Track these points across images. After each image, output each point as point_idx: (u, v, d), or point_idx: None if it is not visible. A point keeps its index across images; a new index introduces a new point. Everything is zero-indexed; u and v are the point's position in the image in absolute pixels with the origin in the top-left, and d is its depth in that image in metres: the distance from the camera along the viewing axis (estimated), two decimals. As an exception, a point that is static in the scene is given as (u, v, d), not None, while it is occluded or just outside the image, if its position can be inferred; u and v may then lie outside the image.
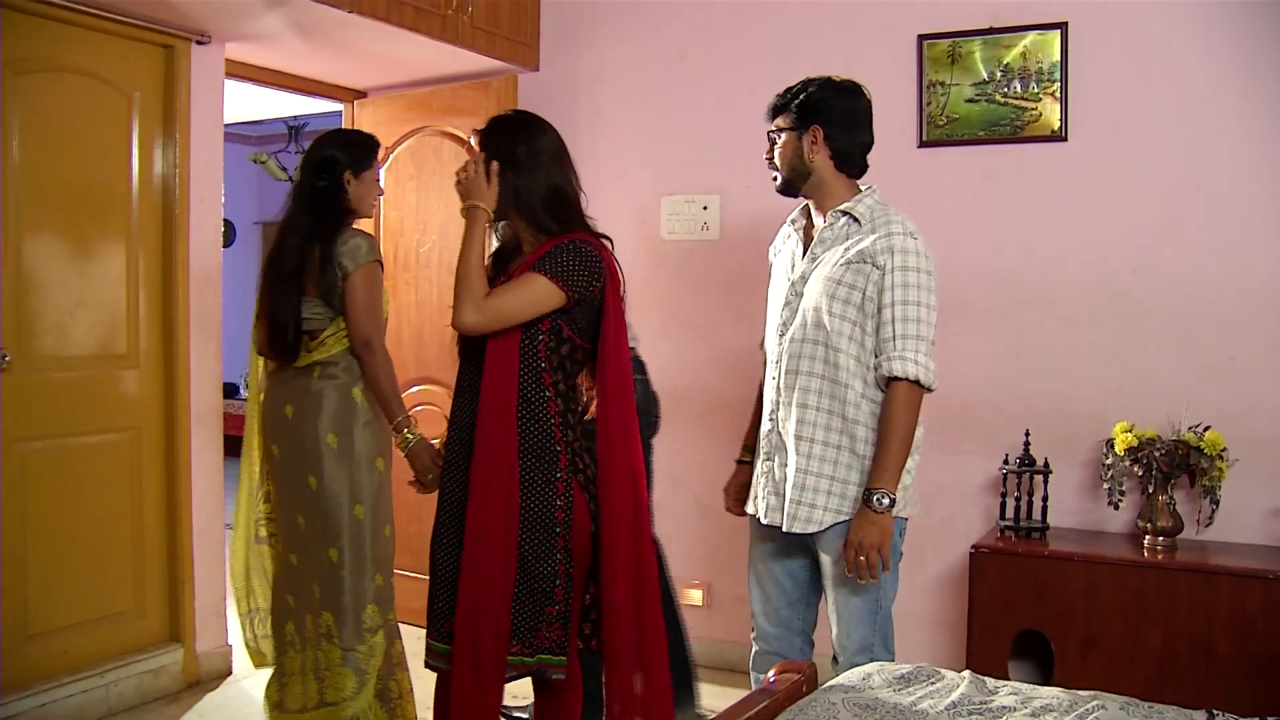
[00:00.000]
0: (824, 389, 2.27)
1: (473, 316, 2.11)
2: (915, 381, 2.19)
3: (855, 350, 2.25)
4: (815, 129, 2.30)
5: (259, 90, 4.10)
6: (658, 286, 3.82)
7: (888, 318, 2.21)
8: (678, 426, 3.69)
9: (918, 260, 2.21)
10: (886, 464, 2.19)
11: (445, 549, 2.20)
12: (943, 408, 3.22)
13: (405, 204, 4.22)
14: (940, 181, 3.41)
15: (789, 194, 2.38)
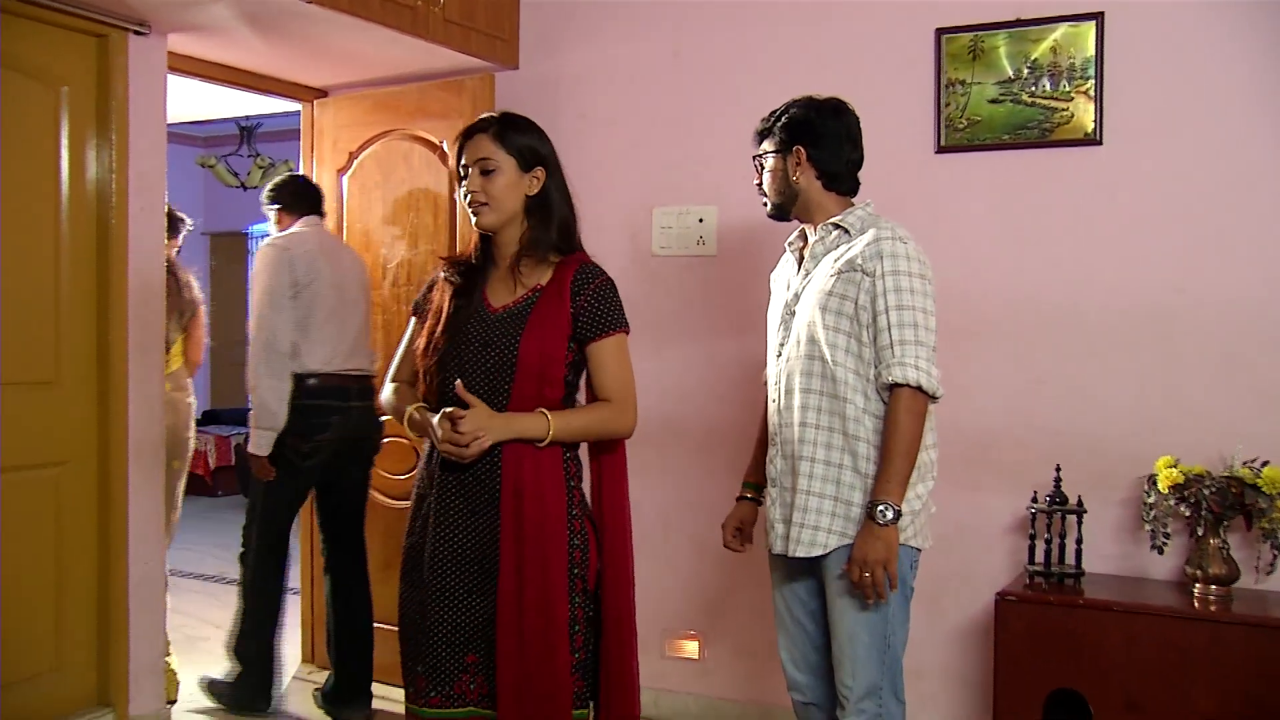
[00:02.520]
0: (823, 405, 2.31)
1: (634, 418, 2.32)
2: (918, 389, 2.22)
3: (852, 363, 2.29)
4: (798, 149, 2.39)
5: (207, 87, 4.04)
6: (649, 306, 3.76)
7: (883, 324, 2.24)
8: (671, 460, 3.73)
9: (908, 264, 2.26)
10: (890, 475, 2.22)
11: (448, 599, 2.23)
12: (961, 441, 3.20)
13: (371, 215, 4.13)
14: (960, 191, 3.35)
15: (780, 218, 2.47)
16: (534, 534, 2.17)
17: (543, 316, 2.23)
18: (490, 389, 2.23)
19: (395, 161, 4.04)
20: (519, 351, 2.21)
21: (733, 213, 3.66)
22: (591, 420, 2.27)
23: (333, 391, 3.57)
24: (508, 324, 2.25)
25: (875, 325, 2.27)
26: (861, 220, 2.38)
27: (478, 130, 2.27)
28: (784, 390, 2.40)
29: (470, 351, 2.25)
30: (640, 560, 3.71)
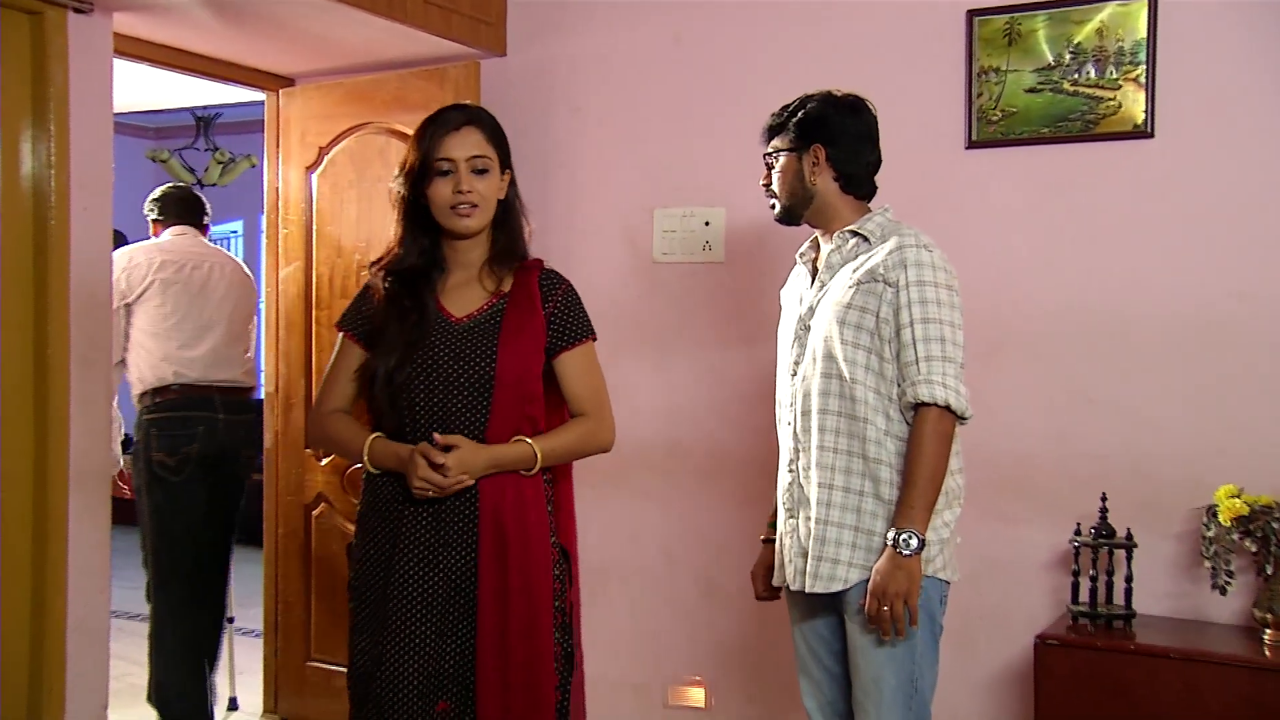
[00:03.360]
0: (841, 427, 2.33)
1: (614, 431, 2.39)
2: (945, 408, 2.24)
3: (873, 381, 2.31)
4: (816, 148, 2.41)
5: (159, 74, 3.98)
6: (650, 318, 3.77)
7: (907, 339, 2.26)
8: (674, 488, 3.72)
9: (934, 274, 2.28)
10: (913, 501, 2.23)
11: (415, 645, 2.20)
12: (995, 466, 3.19)
13: (343, 218, 4.07)
14: (993, 190, 3.31)
15: (790, 222, 2.49)
16: (518, 563, 2.19)
17: (517, 324, 2.25)
18: (467, 408, 2.22)
19: (370, 158, 4.00)
20: (497, 364, 2.22)
21: (742, 215, 3.63)
22: (574, 440, 2.32)
23: (196, 402, 3.75)
24: (477, 334, 2.25)
25: (898, 340, 2.28)
26: (881, 227, 2.39)
27: (468, 122, 2.27)
28: (799, 412, 2.41)
29: (440, 367, 2.23)
30: (641, 599, 3.89)
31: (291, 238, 4.14)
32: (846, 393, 2.32)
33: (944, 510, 2.32)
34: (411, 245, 2.30)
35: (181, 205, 4.04)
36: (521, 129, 3.80)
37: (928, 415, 2.24)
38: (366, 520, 2.30)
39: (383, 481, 2.26)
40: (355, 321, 2.34)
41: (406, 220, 2.30)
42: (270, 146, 4.24)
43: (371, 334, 2.29)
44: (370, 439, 2.26)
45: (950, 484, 2.33)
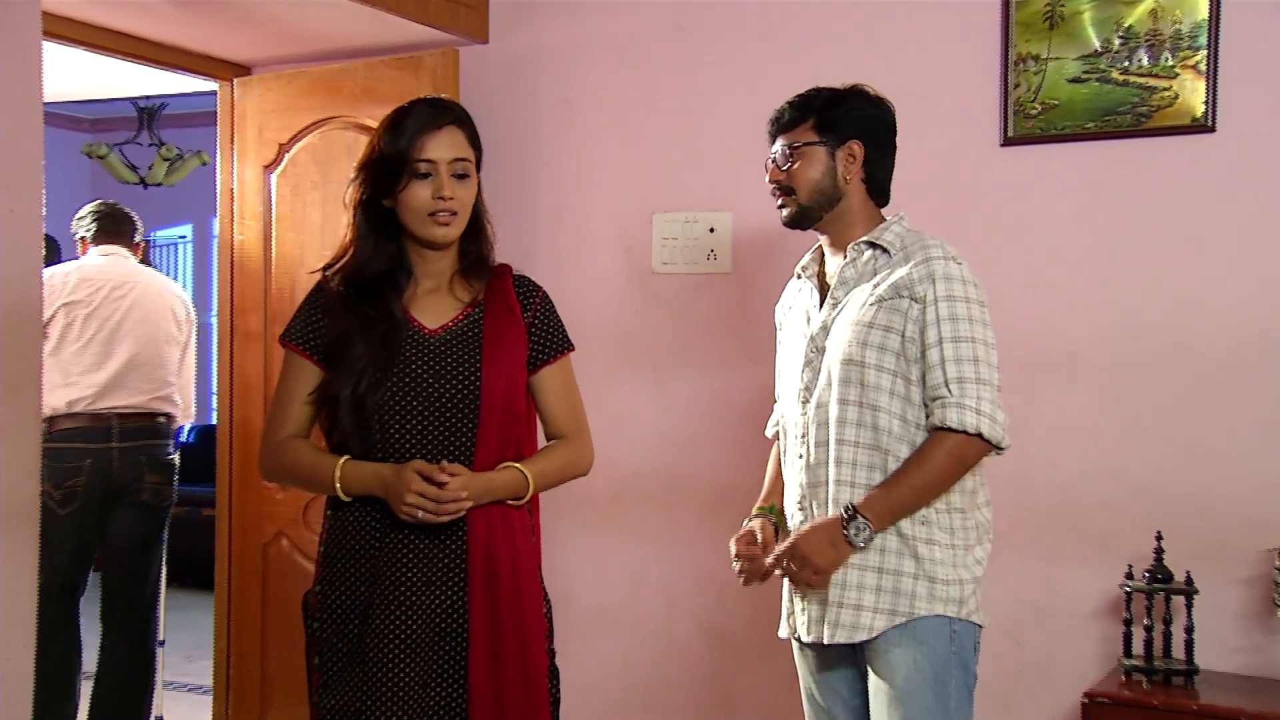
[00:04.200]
0: (861, 459, 2.32)
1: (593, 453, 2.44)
2: (977, 436, 2.24)
3: (899, 407, 2.30)
4: (854, 145, 2.41)
5: (97, 59, 3.98)
6: (649, 334, 3.77)
7: (936, 359, 2.27)
8: (676, 524, 3.71)
9: (965, 288, 2.30)
10: (890, 499, 2.26)
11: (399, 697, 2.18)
12: (1035, 501, 3.19)
13: (306, 223, 4.06)
14: (1031, 193, 3.29)
15: (802, 224, 2.48)
16: (510, 602, 2.21)
17: (498, 336, 2.27)
18: (450, 431, 2.21)
19: (336, 156, 3.97)
20: (482, 381, 2.22)
21: (751, 221, 3.62)
22: (561, 465, 2.35)
23: (88, 433, 3.85)
24: (456, 348, 2.25)
25: (925, 360, 2.28)
26: (901, 238, 2.39)
27: (453, 122, 2.26)
28: (813, 443, 2.39)
29: (418, 387, 2.21)
30: (638, 647, 3.84)
31: (248, 245, 4.13)
32: (868, 421, 2.31)
33: (975, 546, 2.32)
34: (374, 249, 2.27)
35: (110, 223, 4.18)
36: (504, 124, 3.84)
37: (945, 438, 2.25)
38: (334, 562, 2.24)
39: (354, 513, 2.22)
40: (306, 335, 2.28)
41: (368, 222, 2.27)
42: (224, 142, 4.22)
43: (330, 349, 2.24)
44: (340, 461, 2.21)
45: (979, 518, 2.35)
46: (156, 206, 4.18)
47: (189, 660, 4.67)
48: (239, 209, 4.13)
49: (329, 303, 2.27)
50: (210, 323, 4.22)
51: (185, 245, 8.83)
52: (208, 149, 5.68)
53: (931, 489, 2.28)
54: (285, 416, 2.28)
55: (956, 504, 2.31)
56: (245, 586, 4.08)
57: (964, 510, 2.31)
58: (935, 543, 2.29)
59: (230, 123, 4.17)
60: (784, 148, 2.43)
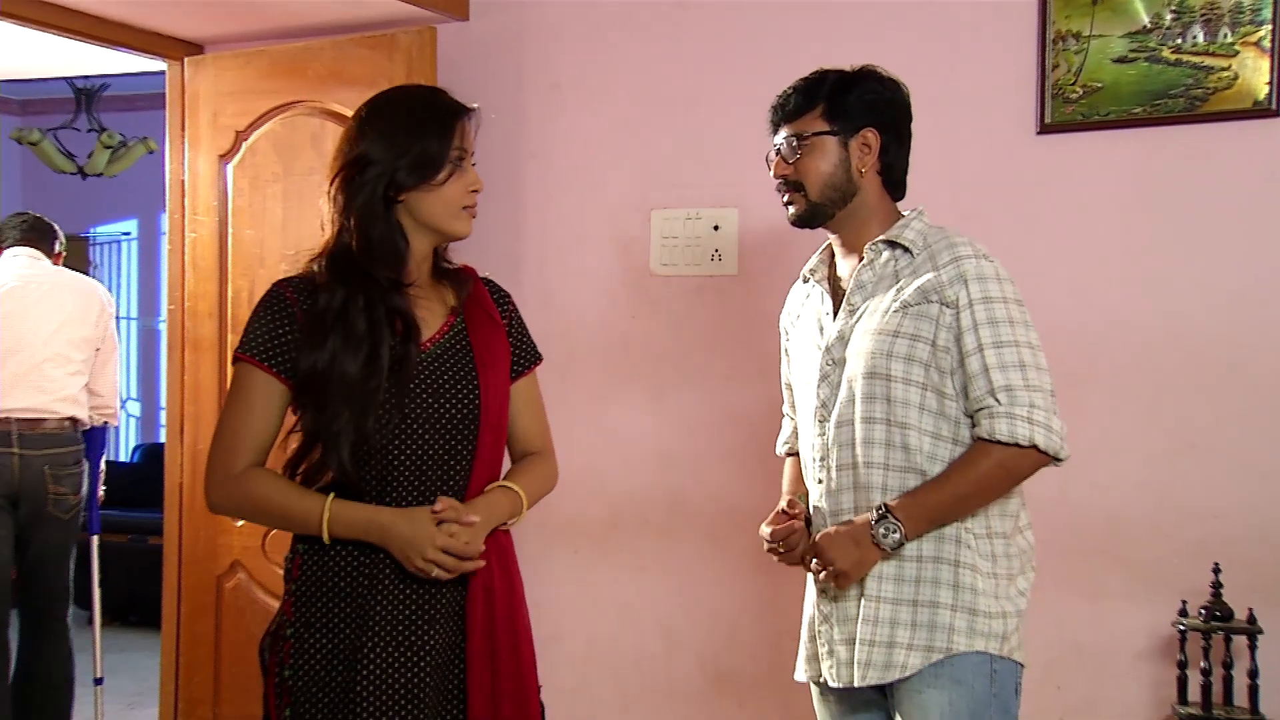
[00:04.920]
0: (891, 483, 2.30)
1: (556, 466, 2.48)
2: (1032, 448, 2.21)
3: (930, 423, 2.29)
4: (869, 133, 2.40)
5: (30, 35, 3.98)
6: (647, 342, 3.78)
7: (977, 368, 2.24)
8: (676, 554, 3.70)
9: (1001, 287, 2.28)
10: (928, 502, 2.25)
11: None
12: (1078, 527, 3.18)
13: (267, 220, 4.06)
14: (1071, 186, 3.28)
15: (812, 223, 2.46)
16: (507, 644, 2.24)
17: (487, 347, 2.31)
18: (449, 455, 2.23)
19: (299, 145, 3.96)
20: (481, 398, 2.25)
21: (759, 218, 3.62)
22: (541, 483, 2.41)
23: None
24: (449, 362, 2.26)
25: (964, 370, 2.26)
26: (923, 235, 2.37)
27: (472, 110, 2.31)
28: (835, 466, 2.37)
29: (422, 409, 2.21)
30: (635, 689, 3.81)
31: (201, 243, 4.11)
32: (897, 440, 2.29)
33: (1017, 576, 2.30)
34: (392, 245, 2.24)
35: (26, 229, 4.35)
36: (487, 110, 3.74)
37: (997, 449, 2.22)
38: (312, 601, 2.21)
39: (338, 551, 2.19)
40: (273, 349, 2.20)
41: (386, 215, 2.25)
42: (173, 129, 4.21)
43: (312, 368, 2.18)
44: (329, 501, 2.17)
45: (1022, 543, 2.32)
46: (97, 200, 4.14)
47: (131, 708, 4.60)
48: (191, 203, 4.11)
49: (289, 314, 2.22)
50: (159, 330, 4.19)
51: (129, 243, 8.77)
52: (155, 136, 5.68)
53: (975, 499, 2.27)
54: (243, 443, 2.23)
55: (998, 528, 2.29)
56: (197, 625, 4.05)
57: (1006, 535, 2.29)
58: (976, 570, 2.26)
59: (181, 107, 4.15)
60: (790, 138, 2.41)
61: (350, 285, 2.21)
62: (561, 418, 3.82)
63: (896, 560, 2.29)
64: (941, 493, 2.25)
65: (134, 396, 8.47)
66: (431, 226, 2.26)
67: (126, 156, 7.18)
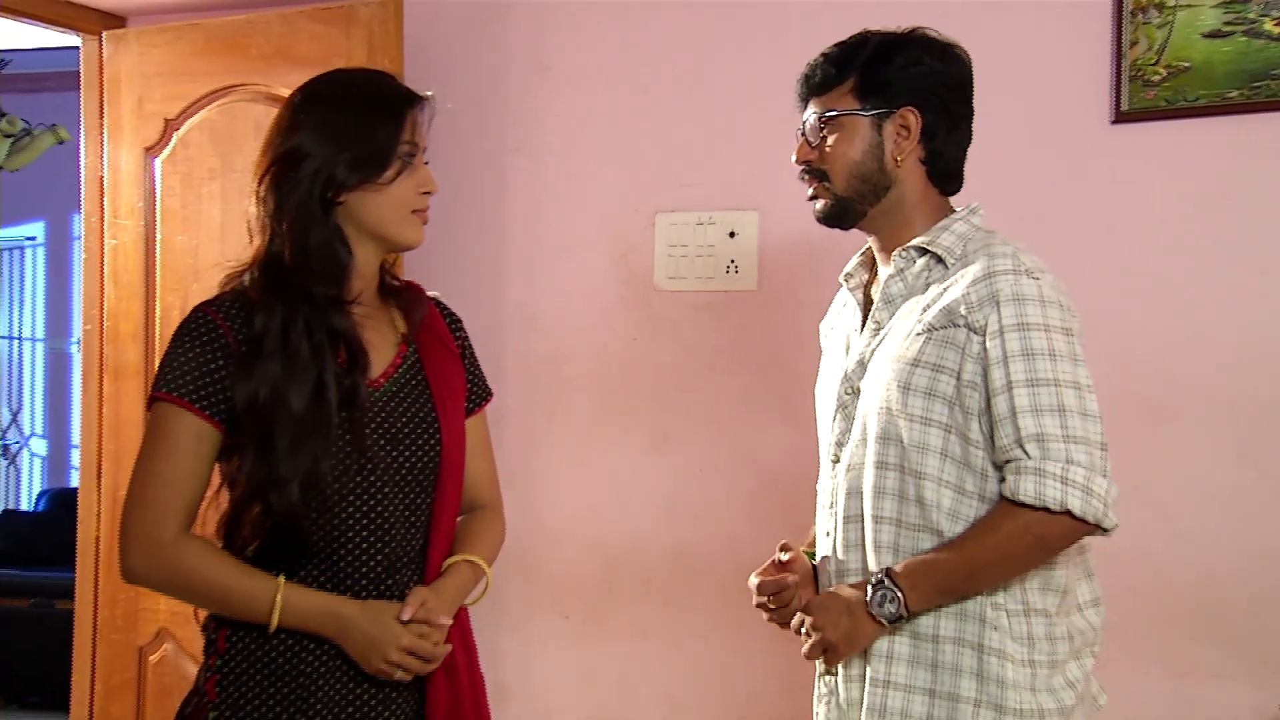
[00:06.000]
0: (903, 542, 2.26)
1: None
2: (1066, 514, 2.10)
3: (952, 475, 2.23)
4: (909, 114, 2.34)
5: None
6: (650, 368, 3.79)
7: (1005, 410, 2.16)
8: (682, 616, 3.72)
9: (1044, 312, 2.19)
10: (933, 567, 2.20)
11: None
12: (1163, 591, 3.16)
13: (202, 224, 4.07)
14: (1151, 184, 3.29)
15: (842, 221, 2.43)
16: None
17: (446, 384, 2.34)
18: (407, 512, 2.24)
19: (241, 136, 3.96)
20: (443, 445, 2.27)
21: (783, 222, 3.64)
22: (495, 549, 2.44)
23: None
24: (405, 402, 2.28)
25: (992, 412, 2.17)
26: (964, 241, 2.33)
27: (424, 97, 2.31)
28: (841, 518, 2.35)
29: (376, 459, 2.21)
30: None
31: (123, 252, 4.11)
32: (911, 492, 2.24)
33: (1067, 663, 2.24)
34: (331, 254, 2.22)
35: None
36: (464, 97, 3.85)
37: (1022, 512, 2.13)
38: (245, 681, 2.20)
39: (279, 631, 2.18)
40: (202, 386, 2.16)
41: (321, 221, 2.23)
42: (89, 116, 4.21)
43: (252, 399, 2.15)
44: (280, 589, 2.15)
45: (1076, 624, 2.26)
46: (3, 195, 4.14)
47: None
48: (111, 204, 4.11)
49: (243, 337, 2.19)
50: (71, 354, 4.15)
51: (35, 250, 8.76)
52: (67, 123, 5.65)
53: (996, 570, 2.19)
54: (171, 502, 2.18)
55: (1038, 605, 2.21)
56: (114, 707, 4.03)
57: (1049, 614, 2.21)
58: (1005, 657, 2.19)
59: (99, 90, 4.15)
60: (815, 116, 2.38)
61: (288, 302, 2.19)
62: (550, 458, 3.91)
63: (911, 639, 2.25)
64: (955, 559, 2.19)
65: (40, 433, 8.44)
66: (376, 233, 2.25)
67: (31, 147, 7.18)
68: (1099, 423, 2.15)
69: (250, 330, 2.17)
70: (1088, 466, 2.11)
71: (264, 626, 2.17)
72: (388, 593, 2.20)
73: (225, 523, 2.19)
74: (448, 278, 3.65)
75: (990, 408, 2.18)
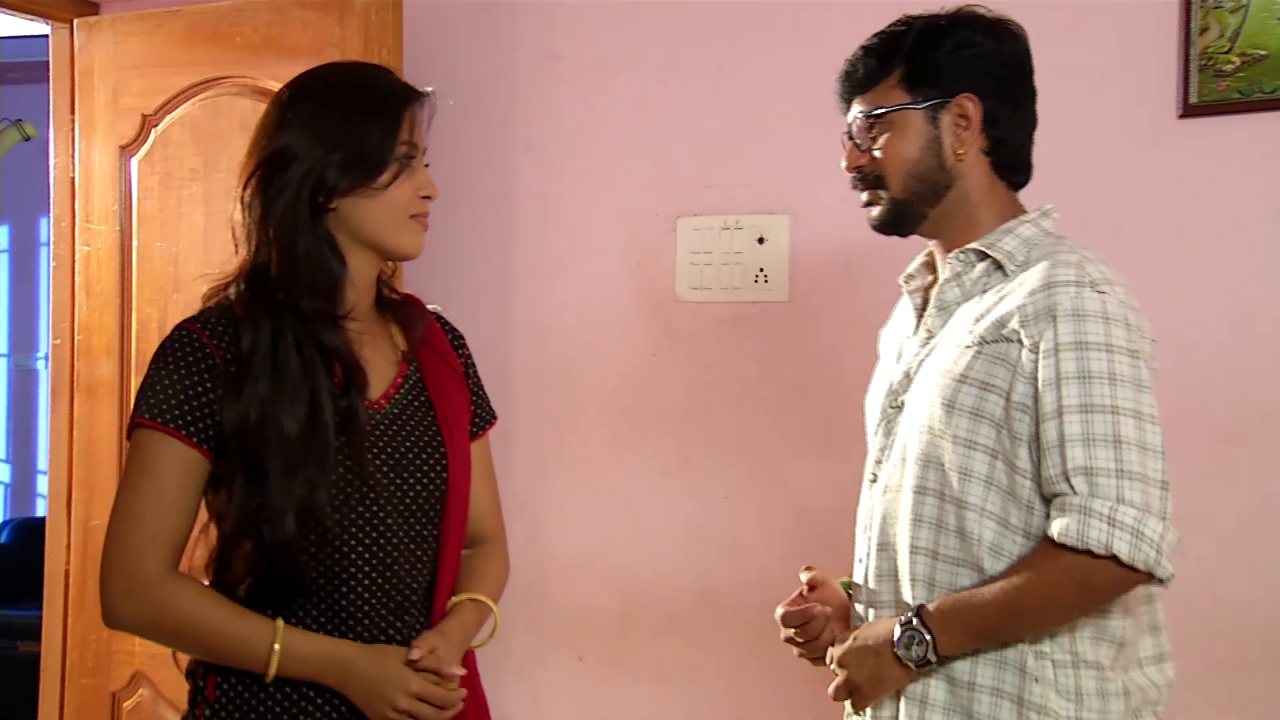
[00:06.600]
0: (940, 577, 2.25)
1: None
2: (1113, 559, 2.04)
3: (997, 504, 2.20)
4: (967, 101, 2.31)
5: None
6: (672, 388, 3.80)
7: (1054, 438, 2.11)
8: (707, 659, 3.71)
9: (1106, 330, 2.13)
10: (969, 608, 2.16)
11: None
12: (1230, 632, 3.14)
13: (183, 230, 4.08)
14: (1222, 184, 3.28)
15: (900, 227, 2.41)
16: None
17: (452, 406, 2.36)
18: (414, 544, 2.26)
19: (226, 134, 3.98)
20: (449, 473, 2.28)
21: (816, 227, 3.65)
22: (501, 587, 2.47)
23: None
24: (408, 426, 2.30)
25: (1041, 439, 2.13)
26: (1028, 245, 2.29)
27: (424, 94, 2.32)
28: (874, 545, 2.35)
29: (380, 487, 2.22)
30: None
31: (97, 258, 4.11)
32: (951, 521, 2.22)
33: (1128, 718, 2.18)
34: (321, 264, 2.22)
35: None
36: (468, 90, 3.84)
37: (1065, 555, 2.07)
38: None
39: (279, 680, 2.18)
40: (190, 409, 2.17)
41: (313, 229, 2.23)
42: (60, 111, 4.22)
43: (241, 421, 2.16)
44: (279, 633, 2.15)
45: (1136, 681, 2.20)
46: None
47: None
48: (83, 207, 4.11)
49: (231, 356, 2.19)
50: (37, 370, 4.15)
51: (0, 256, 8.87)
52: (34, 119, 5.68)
53: (1036, 617, 2.15)
54: (157, 538, 2.17)
55: (1088, 655, 2.17)
56: (86, 756, 4.02)
57: (1101, 667, 2.17)
58: (1048, 712, 2.15)
59: (70, 82, 4.16)
60: (862, 116, 2.36)
61: (275, 318, 2.19)
62: (561, 485, 3.91)
63: (947, 683, 2.22)
64: (992, 601, 2.14)
65: (2, 458, 8.44)
66: (371, 242, 2.25)
67: (-6, 144, 7.29)
68: (1160, 459, 2.09)
69: (238, 349, 2.17)
70: (1141, 507, 2.05)
71: (258, 674, 2.16)
72: (394, 636, 2.20)
73: (214, 559, 2.19)
74: (450, 288, 3.65)
75: (1041, 434, 2.14)
